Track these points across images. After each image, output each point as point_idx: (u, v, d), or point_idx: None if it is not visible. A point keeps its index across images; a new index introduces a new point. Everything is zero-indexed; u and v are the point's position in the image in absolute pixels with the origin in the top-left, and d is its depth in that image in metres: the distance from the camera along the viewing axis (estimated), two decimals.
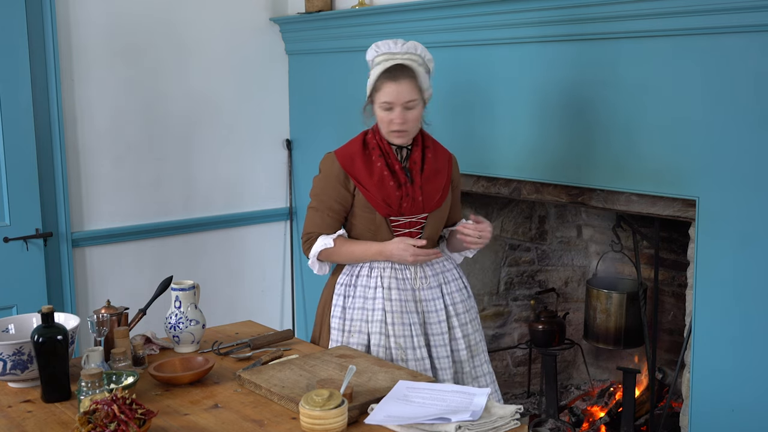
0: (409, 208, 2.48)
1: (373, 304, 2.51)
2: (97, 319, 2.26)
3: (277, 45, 4.12)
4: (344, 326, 2.56)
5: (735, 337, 2.46)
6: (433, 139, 2.60)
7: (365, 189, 2.47)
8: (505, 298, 4.10)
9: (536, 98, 2.96)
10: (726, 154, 2.43)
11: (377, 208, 2.47)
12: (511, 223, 4.06)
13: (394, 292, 2.50)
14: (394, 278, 2.51)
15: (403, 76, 2.42)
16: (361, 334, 2.52)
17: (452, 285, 2.59)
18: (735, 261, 2.44)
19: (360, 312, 2.54)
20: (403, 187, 2.47)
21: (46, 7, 3.34)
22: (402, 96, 2.41)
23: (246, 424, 1.89)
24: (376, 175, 2.47)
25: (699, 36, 2.45)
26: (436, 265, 2.58)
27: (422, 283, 2.53)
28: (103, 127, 3.59)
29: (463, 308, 2.59)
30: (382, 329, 2.50)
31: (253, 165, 4.10)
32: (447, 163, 2.58)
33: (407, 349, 2.49)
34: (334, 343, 2.56)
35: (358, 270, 2.56)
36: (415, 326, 2.50)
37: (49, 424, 1.90)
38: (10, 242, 3.32)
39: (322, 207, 2.54)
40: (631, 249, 3.49)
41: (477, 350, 2.62)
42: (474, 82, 3.18)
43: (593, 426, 3.59)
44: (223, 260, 4.06)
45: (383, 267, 2.52)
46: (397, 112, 2.42)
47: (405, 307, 2.50)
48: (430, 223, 2.53)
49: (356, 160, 2.49)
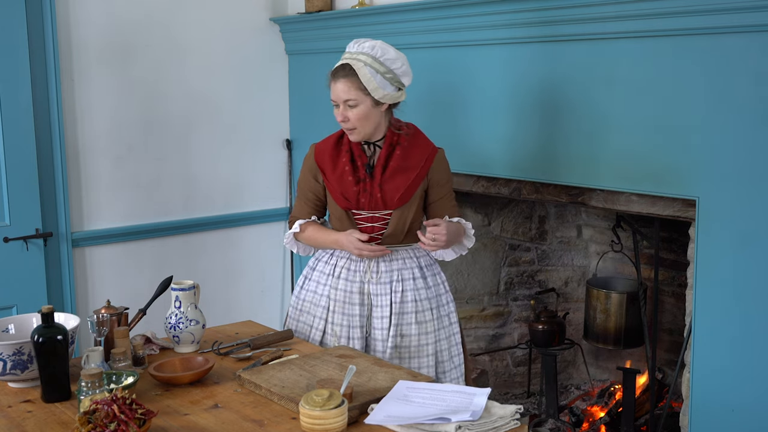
0: (367, 204, 2.56)
1: (323, 290, 2.65)
2: (97, 319, 2.26)
3: (277, 45, 4.12)
4: (297, 305, 2.72)
5: (735, 337, 2.46)
6: (415, 137, 2.61)
7: (328, 181, 2.61)
8: (505, 298, 4.10)
9: (536, 98, 2.96)
10: (726, 154, 2.43)
11: (336, 200, 2.59)
12: (511, 223, 4.06)
13: (341, 282, 2.61)
14: (346, 269, 2.62)
15: (341, 75, 2.49)
16: (309, 315, 2.67)
17: (407, 283, 2.59)
18: (735, 261, 2.44)
19: (312, 295, 2.68)
20: (362, 182, 2.56)
21: (46, 7, 3.34)
22: (340, 94, 2.49)
23: (246, 424, 1.89)
24: (338, 169, 2.58)
25: (699, 36, 2.45)
26: (394, 262, 2.60)
27: (372, 277, 2.59)
28: (103, 127, 3.59)
29: (412, 308, 2.59)
30: (323, 315, 2.63)
31: (253, 165, 4.10)
32: (424, 160, 2.59)
33: (341, 338, 2.60)
34: (290, 319, 2.74)
35: (321, 255, 2.71)
36: (354, 318, 2.59)
37: (49, 424, 1.90)
38: (10, 242, 3.32)
39: (301, 194, 2.72)
40: (631, 249, 3.49)
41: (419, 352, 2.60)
42: (474, 82, 3.18)
43: (593, 426, 3.59)
44: (223, 260, 4.06)
45: (341, 256, 2.64)
46: (340, 109, 2.51)
47: (348, 298, 2.60)
48: (393, 220, 2.57)
49: (326, 153, 2.62)
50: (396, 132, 2.59)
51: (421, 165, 2.59)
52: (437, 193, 2.65)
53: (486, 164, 3.17)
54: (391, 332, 2.58)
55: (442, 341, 2.66)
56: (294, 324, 2.73)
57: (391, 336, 2.58)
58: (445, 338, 2.67)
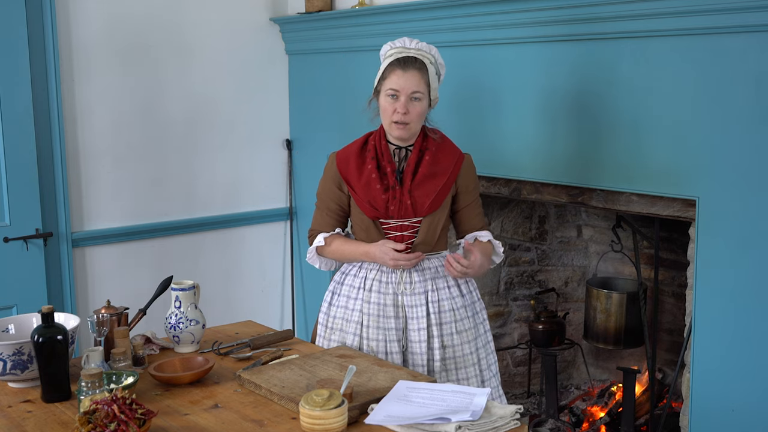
0: (397, 212, 2.45)
1: (354, 304, 2.52)
2: (97, 319, 2.26)
3: (277, 45, 4.12)
4: (327, 322, 2.59)
5: (735, 337, 2.46)
6: (441, 141, 2.52)
7: (353, 191, 2.48)
8: (505, 298, 4.10)
9: (535, 98, 2.96)
10: (726, 154, 2.43)
11: (363, 210, 2.47)
12: (511, 223, 4.06)
13: (374, 295, 2.49)
14: (378, 281, 2.50)
15: (412, 67, 2.40)
16: (342, 332, 2.54)
17: (442, 293, 2.50)
18: (735, 261, 2.44)
19: (342, 311, 2.55)
20: (391, 190, 2.45)
21: (46, 7, 3.34)
22: (409, 85, 2.38)
23: (246, 424, 1.89)
24: (364, 177, 2.46)
25: (699, 36, 2.45)
26: (427, 272, 2.51)
27: (406, 288, 2.48)
28: (103, 127, 3.59)
29: (450, 318, 2.49)
30: (357, 331, 2.50)
31: (253, 165, 4.10)
32: (453, 166, 2.50)
33: (378, 353, 2.47)
34: (320, 338, 2.60)
35: (349, 269, 2.58)
36: (390, 332, 2.47)
37: (49, 424, 1.90)
38: (10, 242, 3.32)
39: (322, 206, 2.58)
40: (631, 249, 3.49)
41: (463, 363, 2.51)
42: (474, 82, 3.18)
43: (593, 426, 3.59)
44: (223, 260, 4.06)
45: (370, 268, 2.52)
46: (402, 101, 2.39)
47: (383, 312, 2.47)
48: (424, 228, 2.47)
49: (351, 161, 2.50)
50: (431, 137, 2.50)
51: (450, 171, 2.48)
52: (465, 199, 2.55)
53: (486, 164, 3.16)
54: (435, 344, 2.47)
55: (480, 349, 2.57)
56: (326, 343, 2.57)
57: (436, 348, 2.46)
58: (482, 346, 2.59)
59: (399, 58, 2.41)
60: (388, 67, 2.42)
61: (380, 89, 2.45)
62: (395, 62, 2.41)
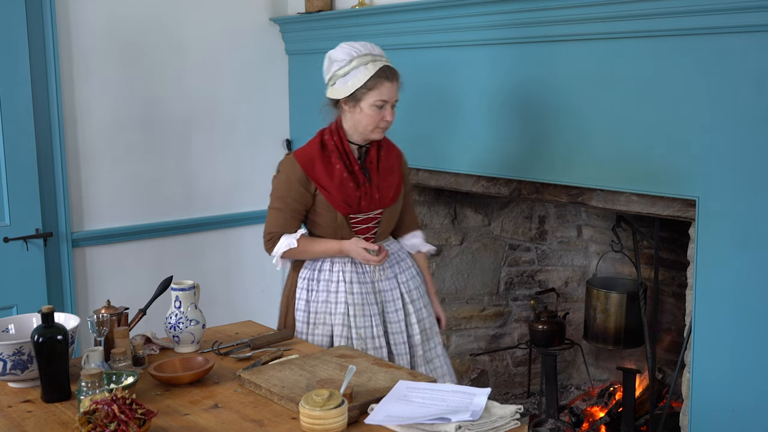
0: (366, 206, 2.62)
1: (336, 297, 2.64)
2: (97, 319, 2.26)
3: (277, 45, 4.12)
4: (308, 319, 2.68)
5: (735, 336, 2.46)
6: (385, 138, 2.71)
7: (326, 191, 2.59)
8: (505, 298, 4.10)
9: (536, 98, 2.96)
10: (726, 154, 2.43)
11: (338, 208, 2.59)
12: (511, 223, 4.06)
13: (356, 286, 2.64)
14: (355, 272, 2.65)
15: (394, 77, 2.56)
16: (325, 326, 2.65)
17: (406, 273, 2.74)
18: (735, 261, 2.44)
19: (324, 305, 2.66)
20: (362, 186, 2.60)
21: (46, 8, 3.34)
22: (393, 94, 2.56)
23: (246, 424, 1.90)
24: (336, 178, 2.58)
25: (699, 36, 2.45)
26: (391, 256, 2.73)
27: (380, 275, 2.68)
28: (103, 127, 3.59)
29: (417, 294, 2.74)
30: (345, 321, 2.63)
31: (253, 165, 4.10)
32: (397, 161, 2.73)
33: (367, 338, 2.63)
34: (299, 335, 2.68)
35: (319, 265, 2.68)
36: (375, 317, 2.64)
37: (49, 424, 1.90)
38: (10, 242, 3.32)
39: (285, 208, 2.64)
40: (631, 249, 3.49)
41: (431, 333, 2.78)
42: (476, 82, 3.18)
43: (593, 426, 3.59)
44: (223, 260, 4.06)
45: (344, 262, 2.65)
46: (389, 110, 2.55)
47: (366, 300, 2.64)
48: (384, 219, 2.68)
49: (316, 163, 2.59)
50: None
51: (398, 165, 2.72)
52: (405, 190, 2.79)
53: (486, 164, 3.17)
54: (413, 319, 2.70)
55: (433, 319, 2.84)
56: (310, 338, 2.67)
57: (414, 323, 2.70)
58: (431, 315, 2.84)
59: (382, 69, 2.52)
60: (375, 79, 2.51)
61: (362, 98, 2.53)
62: (381, 74, 2.52)
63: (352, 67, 2.52)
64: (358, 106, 2.55)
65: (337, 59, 2.55)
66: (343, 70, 2.53)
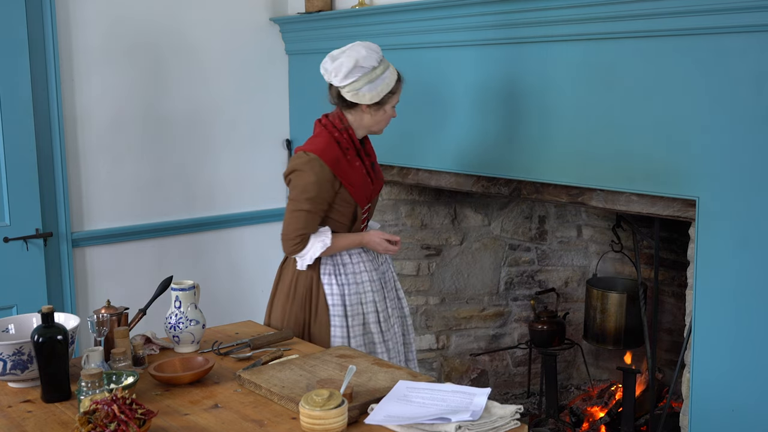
0: (372, 195, 2.79)
1: (364, 287, 2.77)
2: (97, 319, 2.26)
3: (277, 45, 4.12)
4: (345, 312, 2.74)
5: (735, 336, 2.46)
6: None
7: (354, 188, 2.67)
8: (505, 298, 4.10)
9: (536, 98, 2.96)
10: (726, 154, 2.43)
11: (359, 202, 2.71)
12: (511, 223, 4.06)
13: (375, 273, 2.80)
14: (370, 261, 2.79)
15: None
16: (358, 316, 2.75)
17: (390, 262, 2.94)
18: (735, 261, 2.44)
19: (356, 297, 2.75)
20: (369, 177, 2.76)
21: (46, 7, 3.34)
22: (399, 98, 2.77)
23: (246, 424, 1.90)
24: (359, 175, 2.69)
25: (699, 36, 2.45)
26: None
27: (383, 263, 2.87)
28: (103, 127, 3.59)
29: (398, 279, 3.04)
30: (375, 308, 2.78)
31: (253, 165, 4.10)
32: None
33: (391, 317, 2.82)
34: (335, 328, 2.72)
35: (340, 259, 2.75)
36: (390, 301, 2.86)
37: (49, 424, 1.90)
38: (10, 242, 3.32)
39: (316, 209, 2.63)
40: (631, 249, 3.49)
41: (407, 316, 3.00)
42: (476, 82, 3.18)
43: (593, 426, 3.59)
44: (223, 260, 4.06)
45: (360, 253, 2.78)
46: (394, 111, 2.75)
47: (383, 285, 2.83)
48: (373, 204, 2.86)
49: (341, 163, 2.66)
50: None
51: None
52: None
53: (486, 164, 3.16)
54: (404, 303, 2.95)
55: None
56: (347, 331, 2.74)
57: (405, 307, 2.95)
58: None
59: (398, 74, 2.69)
60: (398, 83, 2.68)
61: (387, 101, 2.66)
62: (400, 77, 2.70)
63: (378, 73, 2.61)
64: (382, 109, 2.67)
65: (364, 66, 2.58)
66: (368, 77, 2.59)
